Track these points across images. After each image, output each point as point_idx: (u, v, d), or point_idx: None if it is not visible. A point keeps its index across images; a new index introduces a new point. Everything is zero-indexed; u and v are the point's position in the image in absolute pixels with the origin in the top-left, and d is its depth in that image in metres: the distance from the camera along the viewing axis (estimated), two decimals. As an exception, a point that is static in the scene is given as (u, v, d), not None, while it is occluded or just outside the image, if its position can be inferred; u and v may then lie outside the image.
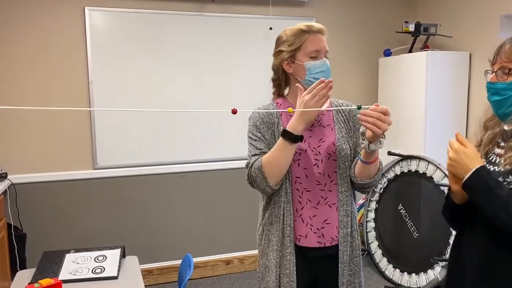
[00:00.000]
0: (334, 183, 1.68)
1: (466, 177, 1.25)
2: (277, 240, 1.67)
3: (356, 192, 1.77)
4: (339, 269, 1.67)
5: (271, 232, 1.70)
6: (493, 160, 1.35)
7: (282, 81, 1.73)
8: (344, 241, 1.67)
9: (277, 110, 1.69)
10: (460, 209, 1.38)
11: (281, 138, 1.54)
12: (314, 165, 1.66)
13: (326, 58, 1.65)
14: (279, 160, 1.56)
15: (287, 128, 1.53)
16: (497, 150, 1.35)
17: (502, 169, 1.28)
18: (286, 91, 1.78)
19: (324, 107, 1.64)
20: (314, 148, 1.67)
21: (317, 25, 1.64)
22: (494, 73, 1.33)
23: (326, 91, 1.47)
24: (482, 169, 1.24)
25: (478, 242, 1.32)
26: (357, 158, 1.65)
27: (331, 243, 1.68)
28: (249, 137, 1.69)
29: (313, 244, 1.67)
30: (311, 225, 1.67)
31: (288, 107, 1.57)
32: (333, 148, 1.67)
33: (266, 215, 1.71)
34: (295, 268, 1.66)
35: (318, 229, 1.67)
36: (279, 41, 1.70)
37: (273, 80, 1.76)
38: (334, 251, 1.68)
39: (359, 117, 1.47)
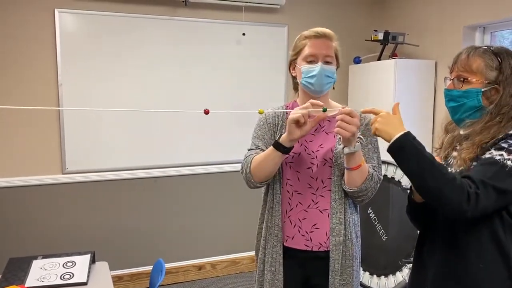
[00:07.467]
0: (327, 190, 1.68)
1: (396, 136, 1.27)
2: (264, 238, 1.74)
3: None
4: (330, 277, 1.65)
5: (261, 229, 1.78)
6: (450, 162, 1.41)
7: (293, 83, 1.82)
8: (336, 249, 1.65)
9: (244, 111, 1.71)
10: (419, 208, 1.43)
11: (272, 146, 1.59)
12: (308, 168, 1.68)
13: (328, 63, 1.67)
14: (265, 164, 1.62)
15: (280, 141, 1.57)
16: (454, 153, 1.40)
17: (454, 170, 1.34)
18: None
19: (332, 113, 1.67)
20: (312, 152, 1.69)
21: (320, 31, 1.69)
22: (451, 81, 1.41)
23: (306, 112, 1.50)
24: (410, 133, 1.28)
25: (440, 243, 1.37)
26: None
27: (319, 248, 1.68)
28: (252, 134, 1.79)
29: (300, 246, 1.69)
30: (299, 227, 1.69)
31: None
32: (330, 155, 1.67)
33: (260, 214, 1.79)
34: (282, 268, 1.69)
35: (306, 232, 1.69)
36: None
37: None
38: (325, 256, 1.68)
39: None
